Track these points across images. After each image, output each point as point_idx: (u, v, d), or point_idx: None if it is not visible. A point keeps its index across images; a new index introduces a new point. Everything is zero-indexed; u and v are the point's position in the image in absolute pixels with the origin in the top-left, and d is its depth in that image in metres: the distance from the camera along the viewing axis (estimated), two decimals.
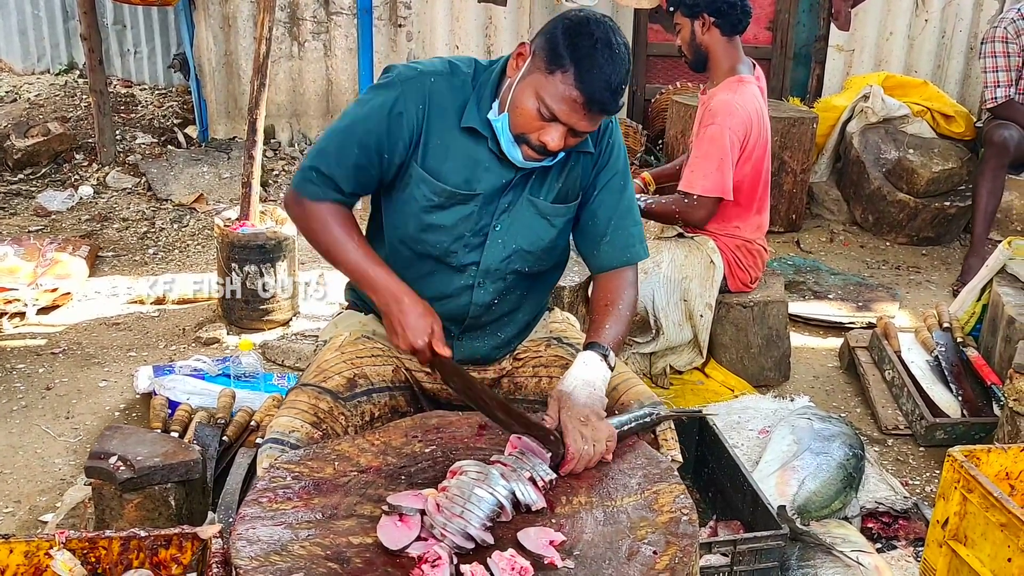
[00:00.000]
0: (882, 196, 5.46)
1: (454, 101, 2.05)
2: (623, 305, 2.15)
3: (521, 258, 2.16)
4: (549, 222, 2.15)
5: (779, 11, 6.53)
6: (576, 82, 1.88)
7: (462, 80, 2.07)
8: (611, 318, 2.12)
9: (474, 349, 2.23)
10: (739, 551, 2.32)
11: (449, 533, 1.60)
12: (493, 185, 2.08)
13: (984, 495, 2.01)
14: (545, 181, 2.12)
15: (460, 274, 2.15)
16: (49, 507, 2.77)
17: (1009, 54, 4.81)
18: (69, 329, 3.99)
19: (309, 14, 6.26)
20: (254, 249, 3.89)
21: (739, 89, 3.34)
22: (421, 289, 2.12)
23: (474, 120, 2.04)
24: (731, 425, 3.17)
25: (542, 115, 1.93)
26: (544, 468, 1.78)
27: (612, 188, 2.18)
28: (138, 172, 5.88)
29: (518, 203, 2.11)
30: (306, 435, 2.00)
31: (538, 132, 1.95)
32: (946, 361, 3.51)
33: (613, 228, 2.19)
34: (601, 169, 2.17)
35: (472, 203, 2.08)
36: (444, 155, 2.06)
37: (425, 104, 2.03)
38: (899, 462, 3.19)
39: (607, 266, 2.21)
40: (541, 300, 2.37)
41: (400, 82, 2.04)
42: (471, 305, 2.18)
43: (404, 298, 2.02)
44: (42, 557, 1.81)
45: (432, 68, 2.07)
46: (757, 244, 3.52)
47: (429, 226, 2.10)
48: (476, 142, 2.06)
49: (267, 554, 1.58)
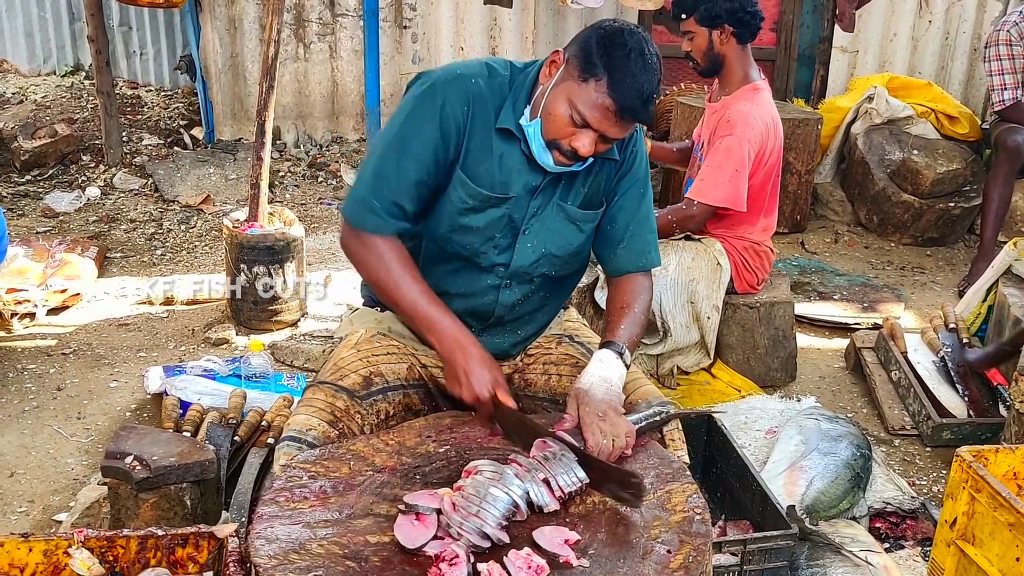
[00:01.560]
0: (887, 197, 5.48)
1: (493, 102, 2.06)
2: (638, 308, 2.19)
3: (549, 262, 2.19)
4: (578, 227, 2.18)
5: (783, 12, 6.54)
6: (609, 90, 1.91)
7: (499, 82, 2.09)
8: (626, 319, 2.16)
9: (494, 345, 2.24)
10: (749, 551, 2.34)
11: (466, 532, 1.62)
12: (523, 188, 2.10)
13: (992, 495, 2.02)
14: (572, 187, 2.15)
15: (488, 274, 2.18)
16: (63, 507, 2.79)
17: (1013, 56, 4.82)
18: (79, 330, 4.01)
19: (315, 16, 6.28)
20: (263, 250, 3.91)
21: (756, 98, 3.35)
22: (448, 285, 2.15)
23: (510, 122, 2.06)
24: (738, 425, 3.18)
25: (574, 122, 1.95)
26: (566, 477, 1.77)
27: (632, 195, 2.22)
28: (145, 173, 5.90)
29: (547, 208, 2.14)
30: (323, 433, 2.02)
31: (569, 138, 1.98)
32: (952, 362, 3.53)
33: (631, 234, 2.23)
34: (624, 176, 2.21)
35: (505, 206, 2.10)
36: (481, 157, 2.07)
37: (469, 105, 2.04)
38: (906, 462, 3.21)
39: (623, 270, 2.25)
40: (562, 302, 2.41)
41: (443, 85, 2.04)
42: (497, 304, 2.21)
43: (470, 348, 2.01)
44: (61, 556, 1.83)
45: (471, 70, 2.08)
46: (764, 246, 3.53)
47: (461, 227, 2.11)
48: (509, 143, 2.08)
49: (286, 553, 1.60)
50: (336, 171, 6.20)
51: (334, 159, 6.35)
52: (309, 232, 5.06)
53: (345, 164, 6.26)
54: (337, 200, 5.83)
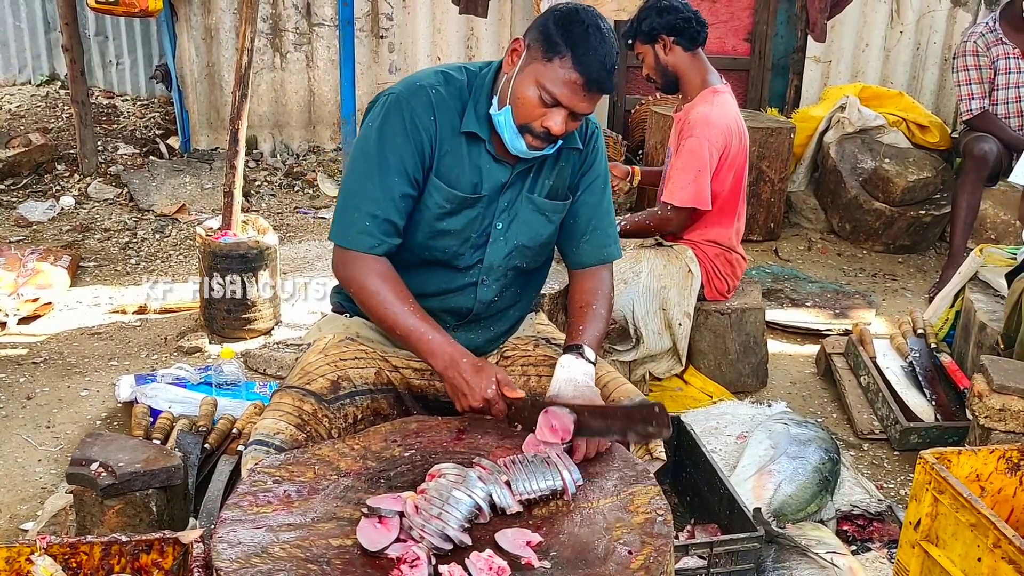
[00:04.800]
0: (859, 205, 5.54)
1: (455, 107, 2.12)
2: (598, 304, 2.25)
3: (521, 254, 2.25)
4: (547, 218, 2.25)
5: (757, 23, 6.60)
6: (574, 64, 1.98)
7: (458, 87, 2.14)
8: (587, 318, 2.21)
9: (469, 341, 2.26)
10: (715, 553, 2.35)
11: (427, 534, 1.63)
12: (494, 186, 2.17)
13: (955, 496, 2.04)
14: (539, 179, 2.22)
15: (464, 272, 2.23)
16: (30, 515, 2.77)
17: (980, 67, 4.90)
18: (50, 339, 3.99)
19: (291, 25, 6.29)
20: (236, 258, 3.90)
21: (715, 100, 3.39)
22: (425, 286, 2.19)
23: (473, 124, 2.12)
24: (709, 430, 3.20)
25: (544, 102, 2.01)
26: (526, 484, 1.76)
27: (594, 190, 2.30)
28: (120, 183, 5.88)
29: (517, 201, 2.20)
30: (291, 437, 2.02)
31: (541, 119, 2.03)
32: (920, 367, 3.56)
33: (593, 228, 2.30)
34: (586, 171, 2.28)
35: (478, 205, 2.17)
36: (453, 162, 2.13)
37: (434, 114, 2.09)
38: (874, 466, 3.24)
39: (586, 263, 2.31)
40: (532, 296, 2.46)
41: (407, 97, 2.09)
42: (475, 302, 2.26)
43: (461, 359, 2.04)
44: (23, 563, 1.82)
45: (430, 80, 2.13)
46: (735, 253, 3.56)
47: (440, 232, 2.17)
48: (476, 145, 2.14)
49: (248, 556, 1.60)
50: (312, 180, 6.20)
51: (311, 168, 6.35)
52: (285, 241, 5.06)
53: (322, 173, 6.26)
54: (313, 209, 5.83)
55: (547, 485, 1.77)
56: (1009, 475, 2.26)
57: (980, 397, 2.84)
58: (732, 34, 6.63)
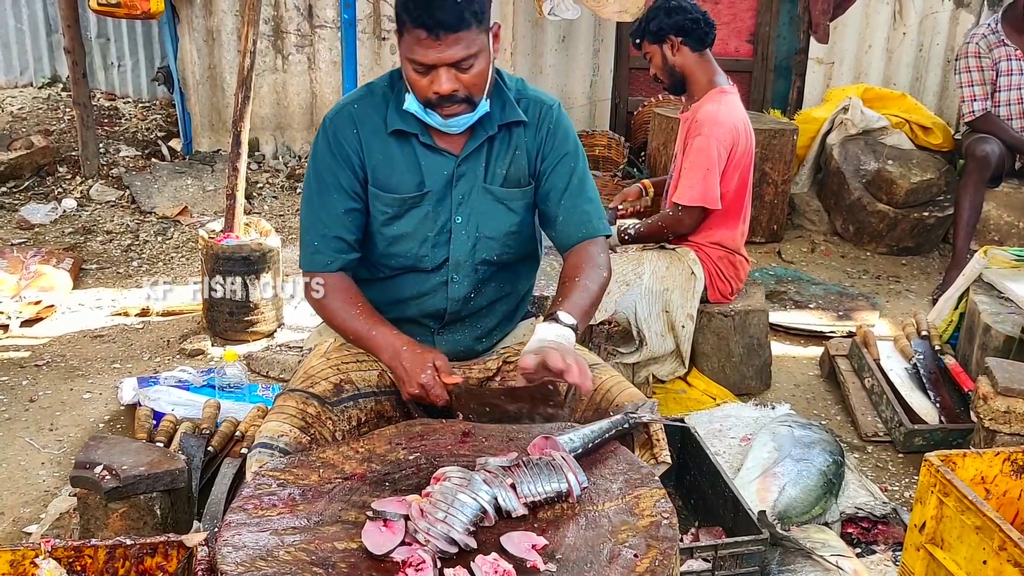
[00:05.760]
0: (862, 206, 5.53)
1: (379, 115, 2.17)
2: (583, 276, 2.18)
3: (487, 246, 2.24)
4: (507, 207, 2.23)
5: (760, 24, 6.61)
6: (412, 23, 1.97)
7: (380, 93, 2.19)
8: (570, 290, 2.15)
9: (455, 343, 2.30)
10: (720, 556, 2.34)
11: (432, 538, 1.62)
12: (440, 179, 2.18)
13: (960, 499, 2.04)
14: (492, 169, 2.21)
15: (434, 273, 2.23)
16: (33, 518, 2.77)
17: (983, 68, 4.90)
18: (53, 341, 3.99)
19: (293, 27, 6.29)
20: (238, 261, 3.90)
21: (722, 100, 3.39)
22: (398, 292, 2.23)
23: (397, 122, 2.15)
24: (713, 433, 3.20)
25: (420, 71, 2.02)
26: (531, 487, 1.75)
27: (561, 171, 2.25)
28: (122, 185, 5.88)
29: (473, 193, 2.20)
30: (295, 439, 2.02)
31: (430, 88, 2.03)
32: (924, 369, 3.56)
33: (565, 208, 2.25)
34: (547, 155, 2.25)
35: (425, 202, 2.17)
36: (390, 167, 2.16)
37: (356, 128, 2.16)
38: (878, 468, 3.23)
39: (569, 243, 2.28)
40: (519, 291, 2.42)
41: (331, 119, 2.19)
42: (448, 300, 2.25)
43: (402, 348, 2.09)
44: (28, 566, 1.81)
45: (352, 97, 2.22)
46: (739, 256, 3.56)
47: (394, 238, 2.19)
48: (407, 142, 2.16)
49: (253, 560, 1.59)
50: None
51: None
52: (287, 243, 5.05)
53: None
54: None
55: (552, 488, 1.76)
56: (1014, 477, 2.26)
57: (985, 399, 2.83)
58: (735, 36, 6.63)
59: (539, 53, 6.58)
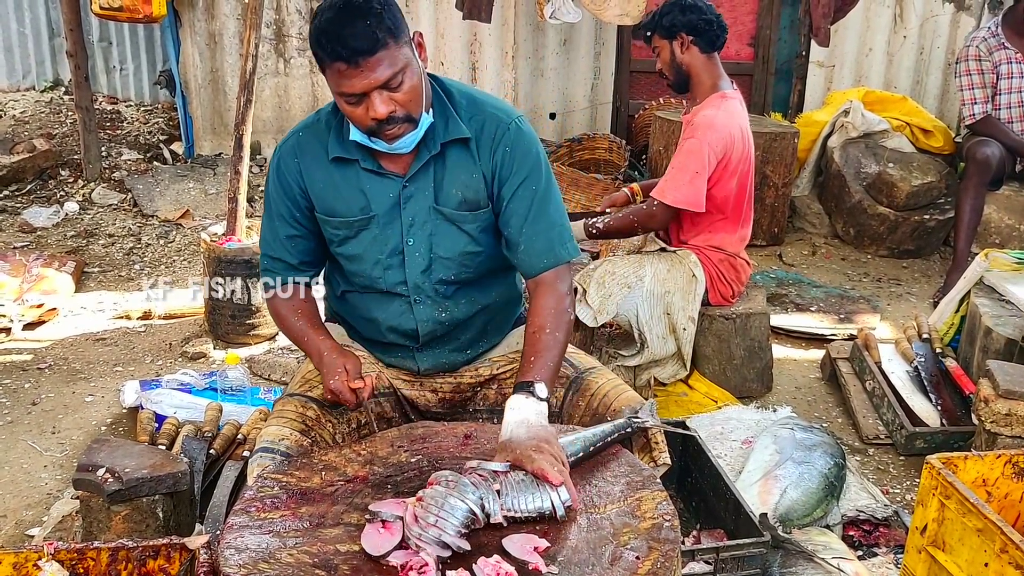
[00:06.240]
0: (863, 209, 5.54)
1: (320, 142, 2.16)
2: (551, 326, 2.09)
3: (443, 266, 2.19)
4: (458, 227, 2.17)
5: (761, 28, 6.61)
6: (330, 60, 1.92)
7: (324, 121, 2.18)
8: (539, 347, 2.06)
9: (436, 357, 2.30)
10: (722, 559, 2.35)
11: (424, 542, 1.62)
12: (386, 202, 2.15)
13: (961, 501, 2.04)
14: (443, 191, 2.15)
15: (395, 296, 2.23)
16: (35, 521, 2.77)
17: (983, 71, 4.91)
18: (55, 344, 3.99)
19: (295, 31, 6.30)
20: (240, 264, 3.91)
21: (722, 105, 3.39)
22: (371, 312, 2.27)
23: (337, 149, 2.13)
24: (714, 436, 3.20)
25: (352, 102, 1.98)
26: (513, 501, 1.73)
27: (521, 197, 2.15)
28: (124, 188, 5.90)
29: (422, 214, 2.15)
30: (296, 443, 2.03)
31: (366, 115, 1.98)
32: (926, 371, 3.56)
33: (526, 236, 2.15)
34: (504, 180, 2.15)
35: (373, 225, 2.16)
36: (333, 193, 2.17)
37: (298, 156, 2.18)
38: (880, 471, 3.23)
39: (533, 271, 2.17)
40: (496, 303, 2.35)
41: (280, 148, 2.22)
42: (417, 322, 2.24)
43: (324, 353, 2.15)
44: (30, 568, 1.82)
45: (301, 124, 2.24)
46: (740, 259, 3.56)
47: (348, 258, 2.22)
48: (349, 168, 2.14)
49: (255, 562, 1.60)
50: None
51: None
52: None
53: None
54: None
55: (535, 506, 1.73)
56: (1016, 480, 2.26)
57: (986, 402, 2.84)
58: (736, 39, 6.64)
59: (540, 57, 6.59)
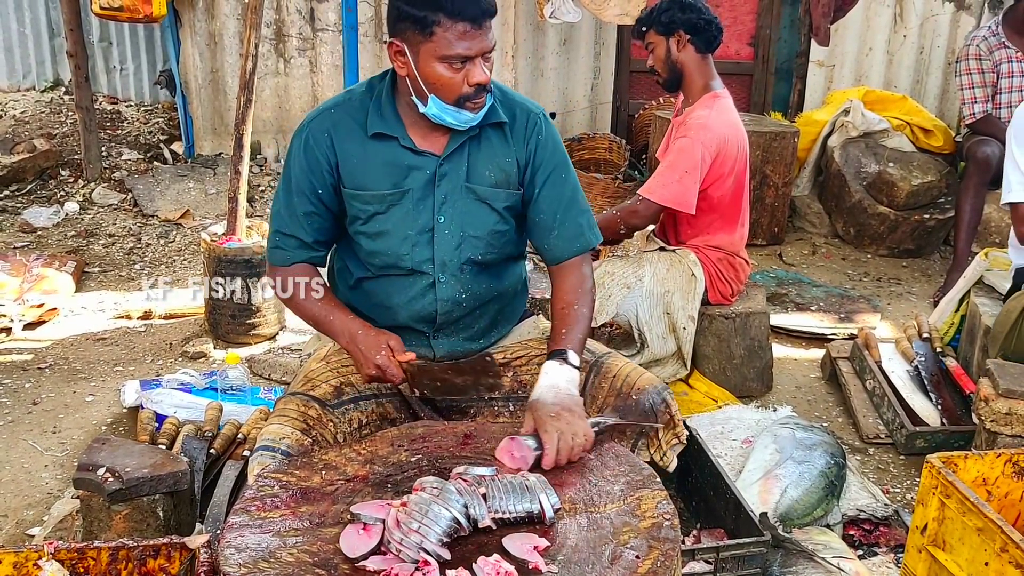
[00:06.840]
0: (863, 209, 5.53)
1: (357, 119, 2.19)
2: (580, 303, 2.24)
3: (471, 245, 2.24)
4: (490, 206, 2.23)
5: (761, 27, 6.61)
6: (452, 19, 1.98)
7: (359, 99, 2.21)
8: (570, 320, 2.21)
9: (451, 345, 2.33)
10: (722, 558, 2.34)
11: (405, 548, 1.61)
12: (421, 180, 2.18)
13: (961, 500, 2.04)
14: (476, 171, 2.21)
15: (419, 275, 2.24)
16: (36, 521, 2.77)
17: (983, 71, 4.90)
18: (56, 344, 3.99)
19: (295, 31, 6.30)
20: (240, 264, 3.91)
21: (715, 105, 3.39)
22: (387, 298, 2.24)
23: (378, 125, 2.16)
24: (715, 435, 3.20)
25: (457, 67, 2.02)
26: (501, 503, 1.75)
27: (554, 182, 2.27)
28: (124, 188, 5.90)
29: (456, 192, 2.20)
30: (296, 442, 2.03)
31: (466, 82, 2.04)
32: (926, 371, 3.56)
33: (560, 221, 2.28)
34: (537, 168, 2.26)
35: (406, 200, 2.18)
36: (365, 168, 2.18)
37: (330, 132, 2.18)
38: (880, 470, 3.23)
39: (562, 257, 2.30)
40: (508, 291, 2.42)
41: (307, 124, 2.23)
42: (437, 302, 2.26)
43: (358, 331, 2.15)
44: (31, 568, 1.82)
45: (332, 103, 2.25)
46: (739, 258, 3.56)
47: (374, 235, 2.21)
48: (387, 144, 2.17)
49: (255, 561, 1.60)
50: None
51: None
52: None
53: None
54: None
55: (523, 508, 1.74)
56: (1016, 479, 2.26)
57: (986, 401, 2.83)
58: (736, 38, 6.64)
59: (540, 56, 6.59)
